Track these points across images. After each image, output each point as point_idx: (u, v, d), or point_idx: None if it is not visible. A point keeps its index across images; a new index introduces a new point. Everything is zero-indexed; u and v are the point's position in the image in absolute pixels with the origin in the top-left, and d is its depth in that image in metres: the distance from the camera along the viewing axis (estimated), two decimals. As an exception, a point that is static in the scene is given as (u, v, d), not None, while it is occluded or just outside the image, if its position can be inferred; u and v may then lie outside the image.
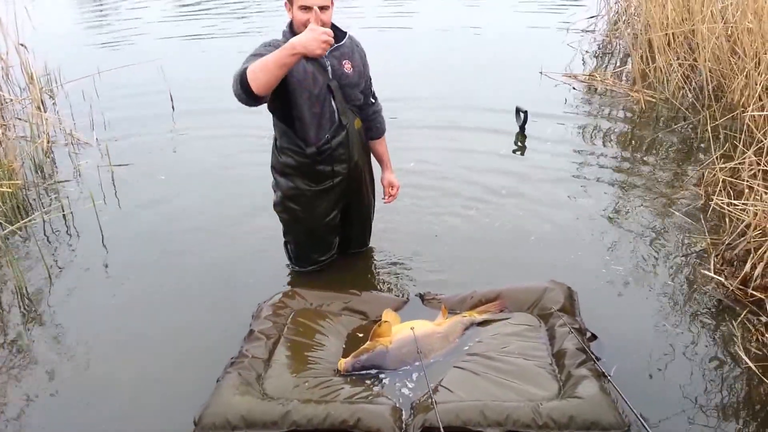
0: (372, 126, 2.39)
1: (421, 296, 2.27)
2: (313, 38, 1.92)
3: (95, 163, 3.51)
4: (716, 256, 2.46)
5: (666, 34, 4.37)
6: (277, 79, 1.98)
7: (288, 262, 2.49)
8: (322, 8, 2.06)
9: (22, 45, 4.29)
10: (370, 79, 2.34)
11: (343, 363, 1.88)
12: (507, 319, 2.08)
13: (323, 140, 2.20)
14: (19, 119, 4.09)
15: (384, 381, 1.85)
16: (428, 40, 6.10)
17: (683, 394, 1.88)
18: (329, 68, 2.16)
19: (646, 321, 2.21)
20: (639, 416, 1.59)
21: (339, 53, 2.18)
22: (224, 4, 8.54)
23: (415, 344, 1.90)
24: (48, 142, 3.68)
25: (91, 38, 6.66)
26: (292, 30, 2.13)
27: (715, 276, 2.35)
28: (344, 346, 2.02)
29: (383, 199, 2.51)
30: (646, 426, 1.56)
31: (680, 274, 2.48)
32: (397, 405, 1.74)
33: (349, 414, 1.67)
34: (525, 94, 4.29)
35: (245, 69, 1.98)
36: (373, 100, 2.38)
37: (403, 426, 1.66)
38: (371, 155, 2.45)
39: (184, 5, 8.56)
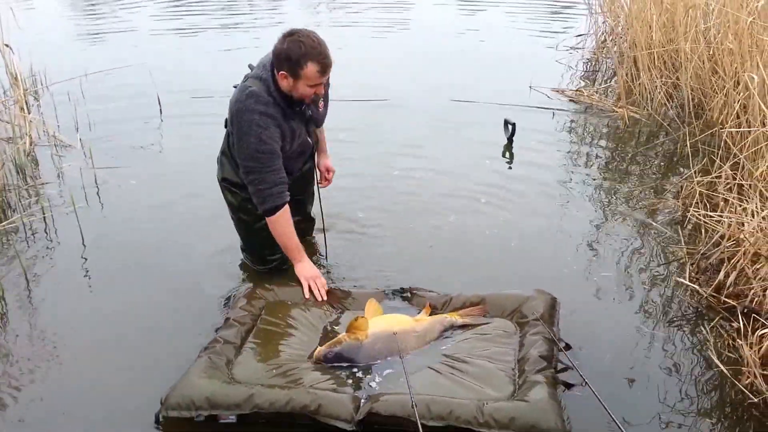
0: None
1: (405, 290, 2.27)
2: (311, 286, 2.20)
3: (78, 165, 3.48)
4: (692, 265, 2.50)
5: (650, 53, 4.46)
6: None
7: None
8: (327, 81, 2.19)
9: (6, 45, 4.27)
10: (328, 84, 2.37)
11: (318, 352, 1.93)
12: (486, 324, 2.10)
13: (296, 171, 2.38)
14: (1, 120, 4.04)
15: (353, 373, 1.89)
16: (418, 53, 6.17)
17: (660, 397, 1.91)
18: (308, 115, 2.26)
19: (624, 327, 2.24)
20: (616, 420, 1.60)
21: (316, 97, 2.25)
22: (213, 5, 8.61)
23: (389, 340, 1.94)
24: (30, 143, 3.66)
25: (79, 40, 6.58)
26: (279, 89, 2.14)
27: (690, 284, 2.39)
28: (320, 336, 2.07)
29: (320, 183, 2.55)
30: (622, 429, 1.58)
31: (658, 282, 2.51)
32: (359, 396, 1.78)
33: (311, 400, 1.72)
34: (513, 107, 4.35)
35: (269, 201, 2.16)
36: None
37: (353, 416, 1.70)
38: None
39: (173, 6, 8.61)
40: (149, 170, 3.50)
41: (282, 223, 2.18)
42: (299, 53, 2.05)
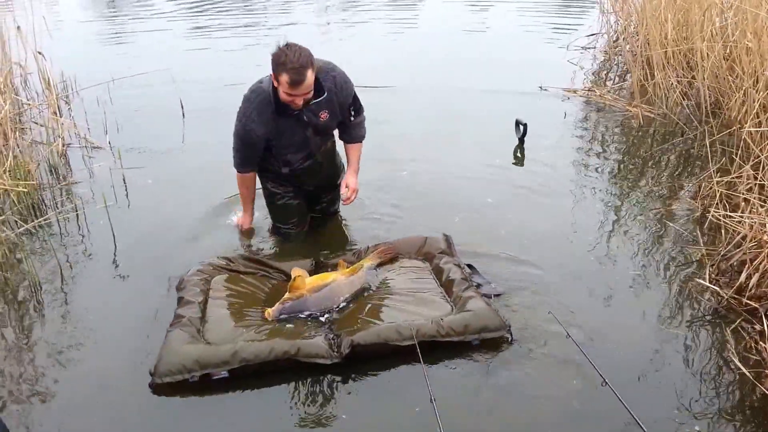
0: (348, 132, 2.75)
1: (321, 261, 2.59)
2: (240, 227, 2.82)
3: (108, 165, 3.59)
4: (712, 266, 2.53)
5: (665, 51, 4.48)
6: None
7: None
8: (306, 94, 2.41)
9: (39, 53, 4.41)
10: (352, 105, 2.65)
11: (270, 311, 2.18)
12: (399, 261, 2.53)
13: (295, 167, 2.70)
14: (36, 123, 4.19)
15: (308, 322, 2.18)
16: (429, 53, 6.22)
17: (678, 398, 1.95)
18: (305, 120, 2.54)
19: (642, 327, 2.28)
20: (637, 419, 1.66)
21: (316, 106, 2.53)
22: (234, 10, 8.70)
23: (327, 291, 2.27)
24: (63, 145, 3.77)
25: (106, 47, 6.79)
26: (276, 93, 2.44)
27: (710, 285, 2.42)
28: (263, 300, 2.33)
29: (342, 200, 2.80)
30: (642, 427, 1.64)
31: (676, 283, 2.55)
32: (327, 336, 2.06)
33: (290, 346, 1.97)
34: (524, 107, 4.37)
35: (237, 167, 2.69)
36: (353, 117, 2.70)
37: (335, 351, 1.98)
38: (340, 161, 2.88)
39: (192, 10, 8.71)
40: (173, 170, 3.61)
41: (240, 183, 2.74)
42: (278, 62, 2.32)
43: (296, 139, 2.59)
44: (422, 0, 9.41)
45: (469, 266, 2.51)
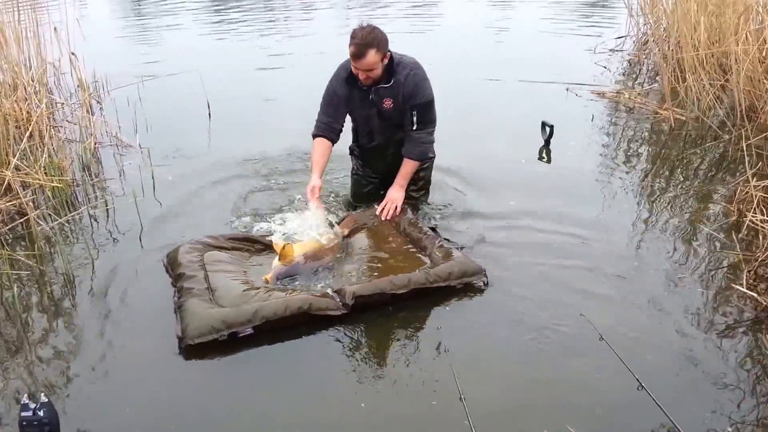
0: (404, 144, 2.86)
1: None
2: (308, 192, 2.81)
3: (137, 164, 3.67)
4: (749, 272, 2.47)
5: (697, 54, 4.40)
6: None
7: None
8: (370, 70, 2.62)
9: (72, 54, 4.53)
10: (415, 109, 2.75)
11: (269, 277, 2.39)
12: (371, 229, 2.79)
13: (362, 143, 3.00)
14: (69, 122, 4.29)
15: (307, 284, 2.44)
16: (454, 53, 6.21)
17: (714, 405, 1.90)
18: (372, 100, 2.77)
19: (677, 332, 2.23)
20: (676, 424, 1.64)
21: (384, 93, 2.74)
22: (261, 16, 8.81)
23: (315, 255, 2.53)
24: (95, 143, 3.86)
25: (137, 48, 6.94)
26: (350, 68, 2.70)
27: (747, 291, 2.36)
28: (255, 268, 2.52)
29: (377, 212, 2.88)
30: (680, 430, 1.61)
31: (712, 288, 2.49)
32: (329, 292, 2.31)
33: (302, 302, 2.21)
34: (551, 109, 4.33)
35: (313, 131, 2.89)
36: (413, 128, 2.79)
37: (341, 304, 2.22)
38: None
39: (220, 14, 8.85)
40: (199, 168, 3.65)
41: (313, 147, 2.87)
42: (351, 35, 2.59)
43: (364, 114, 2.85)
44: (444, 1, 9.41)
45: (432, 229, 2.78)
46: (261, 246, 2.68)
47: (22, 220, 2.94)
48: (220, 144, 4.03)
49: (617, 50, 6.18)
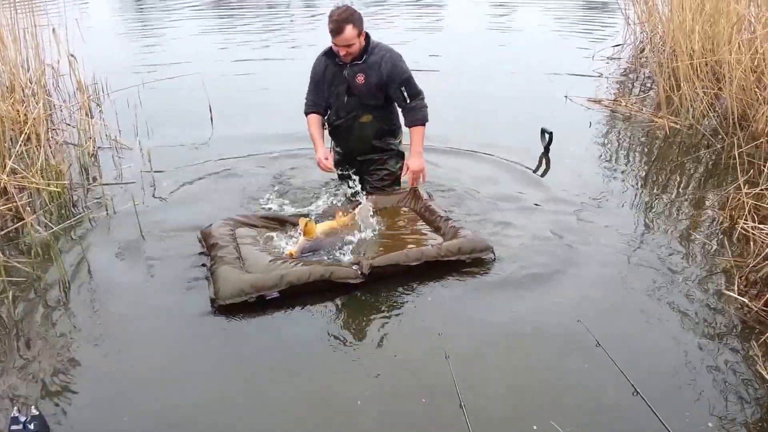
0: (406, 117, 3.07)
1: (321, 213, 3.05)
2: (320, 164, 3.03)
3: (137, 167, 3.67)
4: (740, 277, 2.50)
5: (691, 63, 4.45)
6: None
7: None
8: (347, 46, 2.84)
9: (72, 55, 4.54)
10: (403, 85, 2.96)
11: (293, 251, 2.61)
12: (388, 210, 3.01)
13: (332, 119, 3.11)
14: (68, 124, 4.30)
15: (329, 257, 2.66)
16: (454, 60, 6.25)
17: (708, 411, 1.93)
18: (345, 77, 2.96)
19: (668, 338, 2.26)
20: (669, 429, 1.66)
21: (357, 69, 2.95)
22: (262, 18, 8.85)
23: (334, 233, 2.74)
24: (94, 146, 3.86)
25: (138, 49, 6.95)
26: (332, 49, 2.94)
27: (739, 297, 2.40)
28: (280, 243, 2.75)
29: (409, 183, 3.10)
30: None
31: (703, 294, 2.52)
32: (351, 263, 2.55)
33: (324, 270, 2.46)
34: (550, 116, 4.37)
35: (306, 114, 3.12)
36: (407, 101, 3.01)
37: (359, 273, 2.46)
38: (381, 145, 3.15)
39: (223, 15, 8.88)
40: (200, 173, 3.67)
41: (308, 124, 3.11)
42: (328, 15, 2.84)
43: (335, 91, 3.02)
44: (446, 8, 9.46)
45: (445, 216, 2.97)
46: (289, 225, 2.90)
47: (17, 225, 2.91)
48: (222, 149, 4.02)
49: (615, 58, 6.24)
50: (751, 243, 2.62)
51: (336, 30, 2.81)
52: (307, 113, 3.12)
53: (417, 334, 2.28)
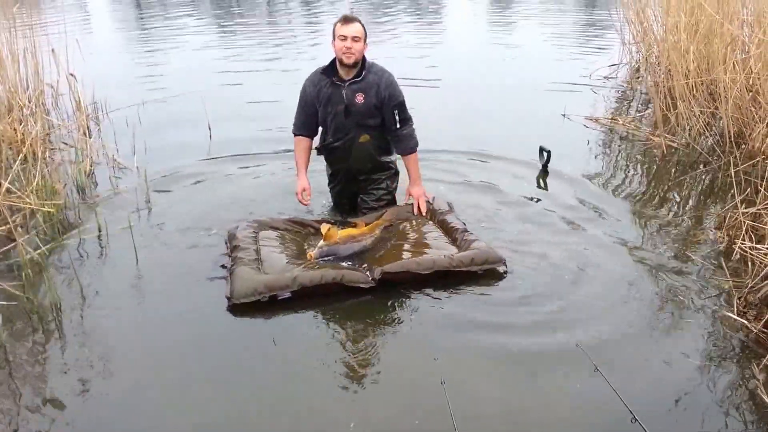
0: (399, 145, 3.10)
1: (344, 221, 3.11)
2: (298, 196, 3.11)
3: (134, 186, 3.65)
4: (739, 298, 2.48)
5: (687, 82, 4.48)
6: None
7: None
8: (355, 38, 2.87)
9: (71, 75, 4.57)
10: (396, 108, 2.99)
11: (311, 254, 2.69)
12: (406, 221, 3.07)
13: (329, 141, 3.10)
14: (66, 144, 4.29)
15: (344, 262, 2.71)
16: (453, 78, 6.30)
17: (706, 434, 1.88)
18: (344, 97, 2.96)
19: (668, 363, 2.23)
20: None
21: (356, 87, 2.97)
22: (263, 33, 8.94)
23: (352, 239, 2.80)
24: (91, 165, 3.85)
25: (139, 67, 6.98)
26: (334, 63, 2.97)
27: (738, 318, 2.37)
28: (302, 247, 2.87)
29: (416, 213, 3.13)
30: None
31: (703, 315, 2.49)
32: (363, 267, 2.64)
33: (336, 273, 2.53)
34: (548, 134, 4.39)
35: (293, 130, 3.16)
36: (397, 126, 3.02)
37: (370, 278, 2.52)
38: (381, 164, 3.17)
39: (224, 33, 8.97)
40: (198, 193, 3.65)
41: (294, 146, 3.16)
42: (337, 19, 2.93)
43: (331, 111, 3.01)
44: (444, 24, 9.56)
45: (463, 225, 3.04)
46: (312, 229, 3.01)
47: (9, 246, 2.88)
48: (221, 169, 4.01)
49: (611, 77, 6.29)
50: (749, 263, 2.60)
51: (348, 19, 2.89)
52: (295, 134, 3.15)
53: (413, 355, 2.26)
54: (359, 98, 2.96)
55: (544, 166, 3.93)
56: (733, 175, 3.32)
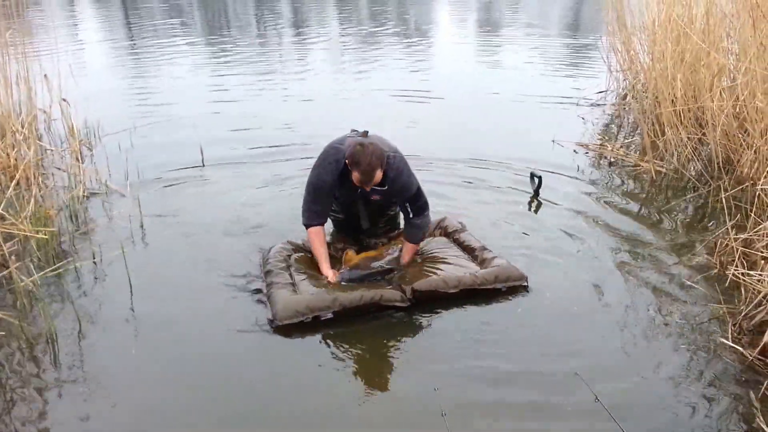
0: (407, 230, 3.02)
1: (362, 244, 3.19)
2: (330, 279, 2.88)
3: (127, 212, 3.64)
4: (733, 325, 2.50)
5: (674, 109, 4.57)
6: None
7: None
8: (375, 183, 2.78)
9: (64, 100, 4.56)
10: (408, 201, 2.91)
11: (333, 277, 2.78)
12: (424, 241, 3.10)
13: (339, 219, 3.20)
14: (59, 169, 4.28)
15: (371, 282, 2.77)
16: (441, 104, 6.37)
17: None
18: (359, 192, 2.91)
19: (665, 392, 2.23)
20: None
21: (373, 191, 2.87)
22: (255, 55, 9.02)
23: (372, 261, 2.92)
24: (84, 191, 3.84)
25: (131, 91, 6.98)
26: (347, 167, 2.78)
27: (733, 345, 2.39)
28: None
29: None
30: None
31: (697, 342, 2.51)
32: (396, 288, 2.70)
33: (374, 294, 2.63)
34: (538, 160, 4.45)
35: (305, 221, 2.93)
36: (412, 215, 2.94)
37: (405, 297, 2.63)
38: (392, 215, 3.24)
39: (216, 56, 9.04)
40: (191, 219, 3.64)
41: (312, 238, 2.94)
42: (353, 161, 2.69)
43: (350, 199, 3.04)
44: (433, 54, 9.71)
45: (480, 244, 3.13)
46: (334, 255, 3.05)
47: (3, 273, 2.84)
48: (214, 194, 4.00)
49: (599, 104, 6.40)
50: (742, 289, 2.62)
51: (366, 180, 2.69)
52: (309, 225, 2.89)
53: (416, 384, 2.25)
54: (375, 198, 2.95)
55: (536, 192, 3.97)
56: (723, 200, 3.38)
